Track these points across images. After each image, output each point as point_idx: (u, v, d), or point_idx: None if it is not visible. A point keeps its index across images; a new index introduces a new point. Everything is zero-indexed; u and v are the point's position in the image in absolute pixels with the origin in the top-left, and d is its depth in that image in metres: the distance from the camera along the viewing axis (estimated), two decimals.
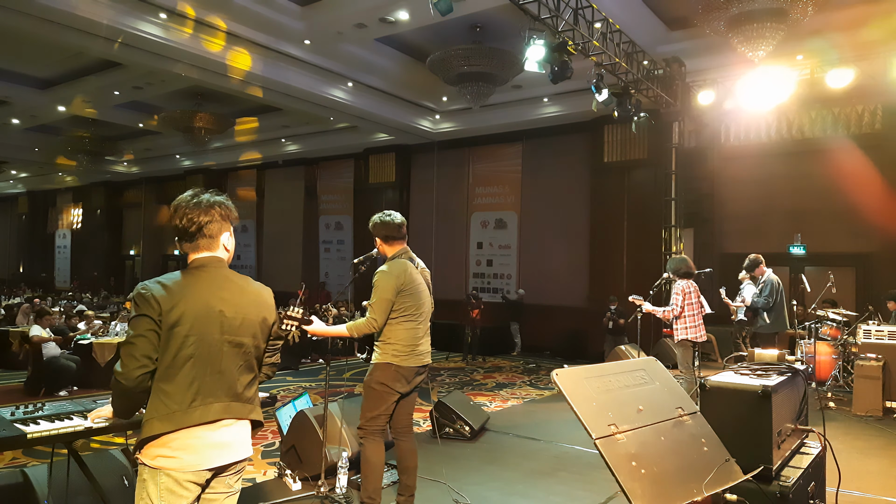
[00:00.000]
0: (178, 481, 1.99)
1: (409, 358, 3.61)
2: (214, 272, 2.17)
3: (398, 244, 3.75)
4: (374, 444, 3.61)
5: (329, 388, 4.39)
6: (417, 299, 3.66)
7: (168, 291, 2.02)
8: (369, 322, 3.57)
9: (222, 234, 2.25)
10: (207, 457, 2.03)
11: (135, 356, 1.97)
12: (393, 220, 3.73)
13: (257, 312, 2.21)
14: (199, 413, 2.02)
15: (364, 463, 3.62)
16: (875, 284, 9.70)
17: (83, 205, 24.69)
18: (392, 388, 3.58)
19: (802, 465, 2.78)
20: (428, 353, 3.75)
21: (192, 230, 2.15)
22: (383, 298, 3.55)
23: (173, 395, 1.99)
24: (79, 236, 24.93)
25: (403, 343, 3.60)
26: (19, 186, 26.98)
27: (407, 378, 3.62)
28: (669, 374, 2.77)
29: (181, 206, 2.17)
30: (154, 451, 1.99)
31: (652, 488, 2.08)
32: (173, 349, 2.00)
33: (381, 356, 3.61)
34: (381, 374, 3.59)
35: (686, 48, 9.97)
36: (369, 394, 3.62)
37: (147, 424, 1.98)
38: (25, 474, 3.27)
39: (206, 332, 2.05)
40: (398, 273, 3.60)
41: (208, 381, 2.05)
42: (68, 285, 23.28)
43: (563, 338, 12.60)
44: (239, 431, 2.14)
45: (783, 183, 10.66)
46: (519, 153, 14.26)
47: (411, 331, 3.62)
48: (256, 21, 9.49)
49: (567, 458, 5.37)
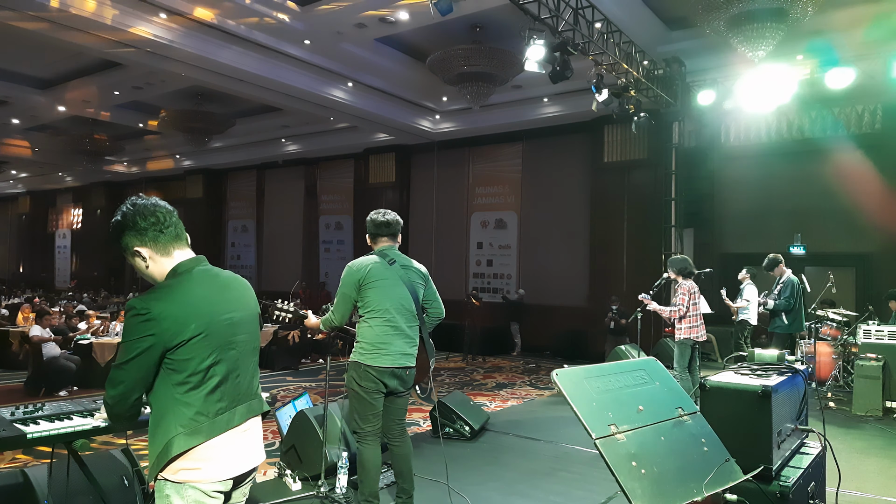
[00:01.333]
0: (205, 492, 1.90)
1: (377, 357, 3.50)
2: (202, 273, 2.01)
3: (382, 241, 3.73)
4: (369, 446, 3.59)
5: (329, 388, 4.39)
6: (383, 295, 3.54)
7: (172, 306, 1.87)
8: (329, 317, 3.64)
9: (182, 228, 2.06)
10: (232, 464, 1.95)
11: (125, 382, 1.83)
12: (378, 218, 3.72)
13: (252, 305, 2.14)
14: (226, 419, 1.93)
15: (359, 467, 3.61)
16: (875, 284, 9.70)
17: (83, 205, 24.69)
18: (365, 389, 3.52)
19: (802, 465, 2.78)
20: (406, 354, 3.58)
21: (161, 240, 1.97)
22: (340, 293, 3.59)
23: (197, 406, 1.88)
24: (79, 236, 24.94)
25: (369, 341, 3.53)
26: (19, 186, 26.97)
27: (378, 378, 3.51)
28: (669, 374, 2.77)
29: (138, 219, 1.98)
30: (176, 465, 1.87)
31: (652, 488, 2.08)
32: (195, 361, 1.87)
33: (353, 354, 3.62)
34: (352, 372, 3.59)
35: (686, 48, 9.96)
36: (351, 395, 3.64)
37: (173, 442, 1.85)
38: (25, 474, 3.27)
39: (221, 334, 1.94)
40: (359, 266, 3.58)
41: (230, 385, 1.97)
42: (68, 285, 23.28)
43: (563, 338, 12.60)
44: (256, 432, 2.09)
45: (783, 183, 10.66)
46: (519, 153, 14.26)
47: (379, 328, 3.52)
48: (256, 21, 9.49)
49: (567, 458, 5.37)
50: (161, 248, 1.97)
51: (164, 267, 1.98)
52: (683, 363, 6.44)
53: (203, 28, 9.54)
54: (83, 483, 3.05)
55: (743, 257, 10.37)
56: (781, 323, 7.27)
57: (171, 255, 1.99)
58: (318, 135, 16.28)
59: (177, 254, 2.00)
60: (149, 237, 1.96)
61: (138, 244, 1.96)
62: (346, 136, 15.74)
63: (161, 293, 1.90)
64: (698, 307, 6.49)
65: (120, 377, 1.84)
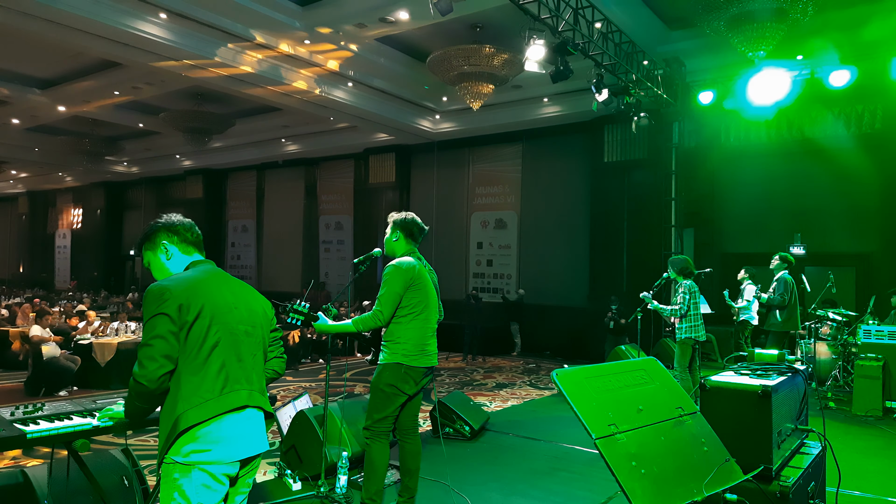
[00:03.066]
0: (213, 475, 1.97)
1: (419, 358, 3.55)
2: (211, 270, 2.28)
3: (415, 245, 3.79)
4: (380, 445, 3.56)
5: (329, 388, 4.39)
6: (426, 296, 3.62)
7: (183, 287, 2.07)
8: (375, 315, 3.50)
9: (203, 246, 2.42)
10: (240, 446, 2.04)
11: (155, 357, 1.97)
12: (421, 224, 3.81)
13: (258, 303, 2.32)
14: (231, 399, 2.04)
15: (368, 464, 3.58)
16: (875, 284, 9.70)
17: (83, 205, 24.68)
18: (400, 391, 3.53)
19: (802, 465, 2.78)
20: (435, 353, 3.70)
21: (188, 241, 2.32)
22: (392, 291, 3.50)
23: (204, 384, 2.01)
24: (79, 236, 24.94)
25: (413, 342, 3.53)
26: (19, 186, 26.98)
27: (415, 379, 3.56)
28: (669, 374, 2.77)
29: (176, 222, 2.34)
30: (185, 448, 1.96)
31: (652, 488, 2.08)
32: (199, 340, 2.03)
33: (390, 356, 3.53)
34: (390, 375, 3.52)
35: (686, 48, 9.97)
36: (377, 395, 3.56)
37: (182, 417, 1.96)
38: (25, 474, 3.26)
39: (226, 320, 2.11)
40: (408, 267, 3.57)
41: (234, 367, 2.09)
42: (68, 285, 23.29)
43: (563, 338, 12.60)
44: (260, 421, 2.17)
45: (783, 183, 10.65)
46: (519, 153, 14.27)
47: (420, 329, 3.56)
48: (256, 21, 9.49)
49: (567, 458, 5.37)
50: (184, 248, 2.31)
51: (181, 263, 2.29)
52: (684, 363, 6.45)
53: (203, 28, 9.54)
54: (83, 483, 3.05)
55: (743, 257, 10.37)
56: (775, 320, 7.35)
57: (190, 255, 2.32)
58: (318, 135, 16.29)
59: (194, 255, 2.34)
60: (178, 238, 2.31)
61: (167, 239, 2.29)
62: (346, 135, 15.75)
63: (175, 277, 2.15)
64: (699, 307, 6.52)
65: (148, 353, 1.98)
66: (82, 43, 9.55)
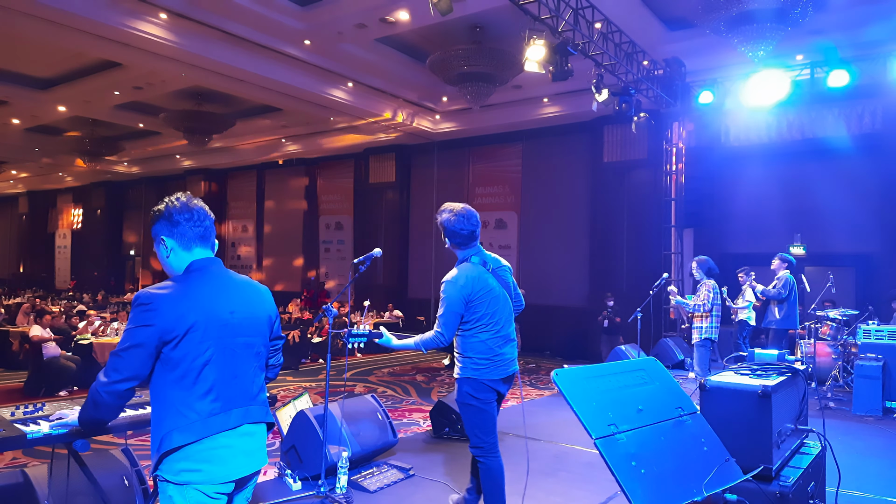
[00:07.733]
0: (207, 495, 1.91)
1: (491, 369, 3.38)
2: (213, 273, 2.10)
3: (467, 245, 3.50)
4: (495, 458, 3.42)
5: (329, 388, 4.39)
6: (493, 306, 3.40)
7: (175, 299, 1.93)
8: (437, 337, 3.35)
9: (213, 235, 2.18)
10: (232, 466, 1.96)
11: (121, 370, 1.87)
12: (463, 218, 3.44)
13: (262, 310, 2.17)
14: (220, 420, 1.94)
15: (488, 481, 3.40)
16: (875, 284, 9.70)
17: (83, 205, 24.70)
18: (486, 400, 3.39)
19: (802, 465, 2.78)
20: (513, 359, 3.49)
21: (188, 235, 2.07)
22: (450, 311, 3.32)
23: (191, 404, 1.91)
24: (79, 236, 24.94)
25: (482, 355, 3.37)
26: (19, 186, 26.98)
27: (493, 388, 3.41)
28: (669, 373, 2.77)
29: (175, 212, 2.09)
30: (177, 466, 1.89)
31: (652, 488, 2.09)
32: (189, 356, 1.91)
33: (462, 370, 3.42)
34: (468, 388, 3.39)
35: (686, 48, 9.96)
36: (468, 410, 3.42)
37: (166, 437, 1.88)
38: (25, 474, 3.27)
39: (221, 335, 1.97)
40: (465, 282, 3.34)
41: (226, 386, 1.97)
42: (68, 285, 23.29)
43: (563, 338, 12.59)
44: (259, 437, 2.08)
45: (783, 183, 10.65)
46: (519, 153, 14.26)
47: (489, 341, 3.38)
48: (256, 21, 9.49)
49: (567, 458, 5.37)
50: (185, 243, 2.07)
51: (182, 261, 2.07)
52: (705, 364, 6.43)
53: (203, 28, 9.54)
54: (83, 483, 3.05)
55: (743, 257, 10.37)
56: (774, 318, 7.39)
57: (192, 252, 2.08)
58: (318, 135, 16.29)
59: (197, 251, 2.09)
60: (177, 231, 2.06)
61: (166, 234, 2.07)
62: (346, 136, 15.74)
63: (167, 287, 1.97)
64: (719, 308, 6.60)
65: (117, 364, 1.88)
66: (82, 43, 9.55)
